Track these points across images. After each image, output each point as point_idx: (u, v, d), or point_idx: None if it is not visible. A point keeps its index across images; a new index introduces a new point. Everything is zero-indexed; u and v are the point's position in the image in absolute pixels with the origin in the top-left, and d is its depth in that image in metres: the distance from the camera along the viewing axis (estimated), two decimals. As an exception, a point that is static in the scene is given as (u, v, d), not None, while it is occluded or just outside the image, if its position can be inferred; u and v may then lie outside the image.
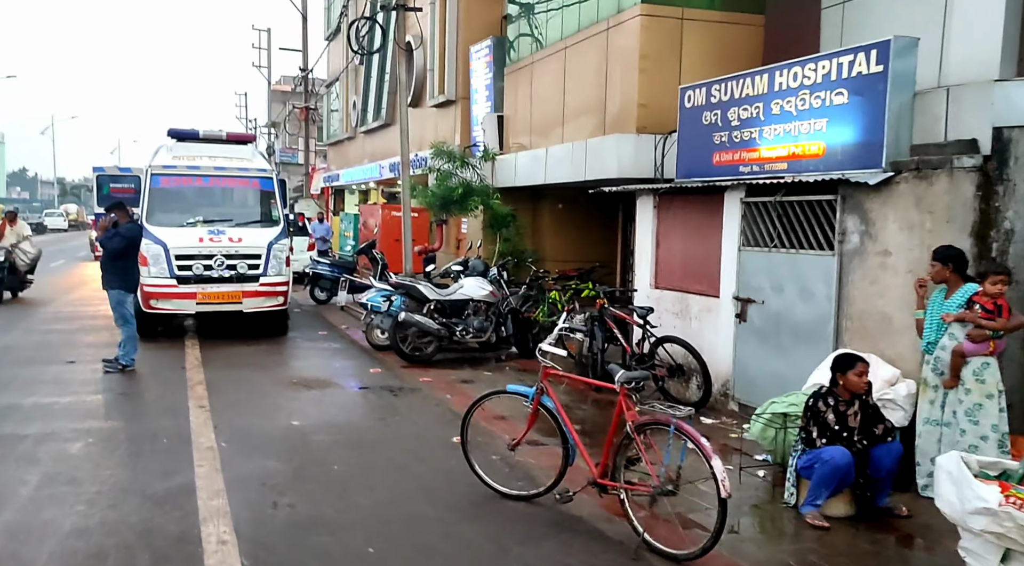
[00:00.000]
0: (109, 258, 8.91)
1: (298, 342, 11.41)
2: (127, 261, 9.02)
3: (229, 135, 12.61)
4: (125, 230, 9.02)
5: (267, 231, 11.68)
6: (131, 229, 9.14)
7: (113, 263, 8.91)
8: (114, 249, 8.86)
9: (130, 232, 9.09)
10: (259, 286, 11.21)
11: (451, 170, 12.49)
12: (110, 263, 8.91)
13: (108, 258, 8.93)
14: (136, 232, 9.23)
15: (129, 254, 9.08)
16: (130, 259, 9.09)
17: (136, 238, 9.17)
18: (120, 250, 8.88)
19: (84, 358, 9.61)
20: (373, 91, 22.72)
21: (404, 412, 7.52)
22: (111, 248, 8.85)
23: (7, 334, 11.31)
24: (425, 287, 10.19)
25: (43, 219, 55.66)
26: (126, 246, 8.94)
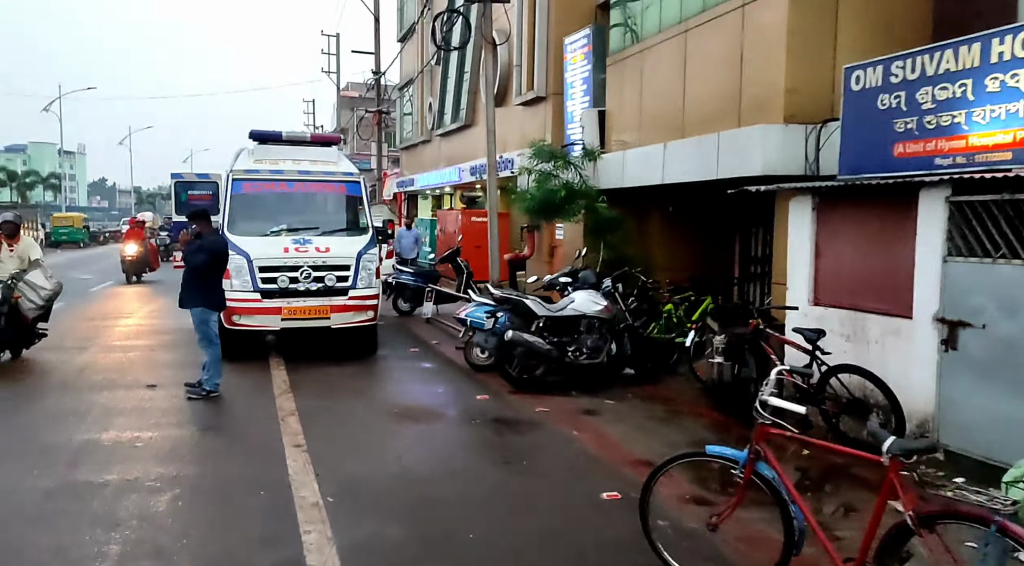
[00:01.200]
0: (192, 273, 8.06)
1: (390, 361, 10.43)
2: (212, 276, 8.17)
3: (313, 136, 11.74)
4: (210, 242, 8.17)
5: (355, 240, 10.75)
6: (216, 241, 8.29)
7: (196, 278, 8.06)
8: (200, 264, 8.01)
9: (215, 244, 8.24)
10: (348, 300, 10.28)
11: (551, 171, 11.35)
12: (193, 279, 8.06)
13: (191, 273, 8.08)
14: (222, 244, 8.38)
15: (214, 268, 8.23)
16: (215, 274, 8.24)
17: (223, 251, 8.31)
18: (206, 265, 8.04)
19: (166, 381, 8.80)
20: (451, 92, 21.80)
21: (531, 454, 6.39)
22: (197, 263, 8.00)
23: (85, 351, 10.65)
24: (533, 302, 9.07)
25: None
26: (212, 260, 8.09)
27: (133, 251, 20.84)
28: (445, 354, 10.93)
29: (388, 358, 10.62)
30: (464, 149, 21.01)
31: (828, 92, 8.01)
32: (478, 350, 9.78)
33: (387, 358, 10.62)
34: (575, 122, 13.64)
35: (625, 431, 7.11)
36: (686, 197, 11.58)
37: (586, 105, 13.14)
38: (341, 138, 12.19)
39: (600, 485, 5.57)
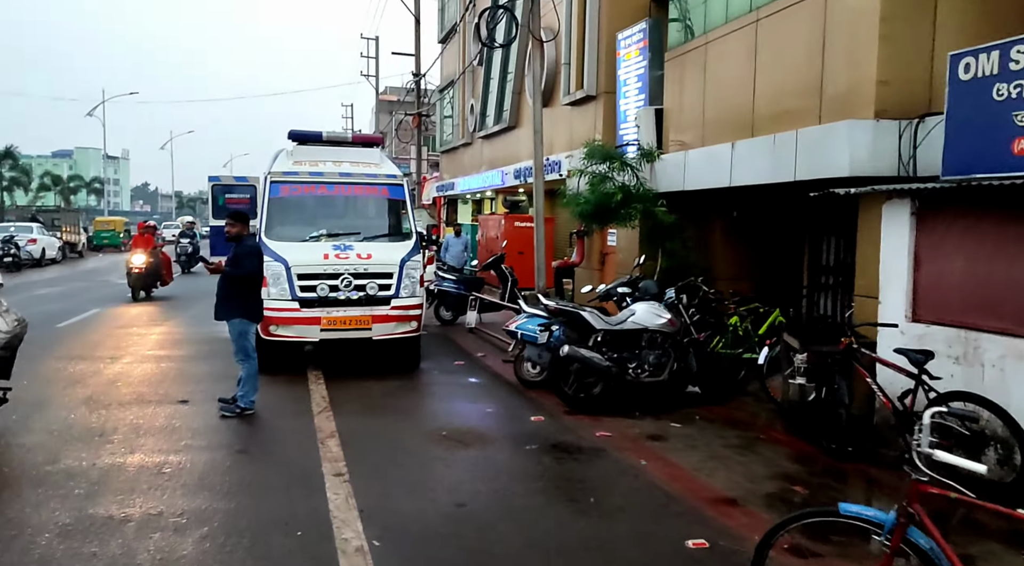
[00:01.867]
0: (229, 282, 7.51)
1: (434, 376, 9.79)
2: (252, 285, 7.62)
3: (355, 137, 11.19)
4: (250, 248, 7.65)
5: (399, 246, 10.15)
6: (255, 247, 7.75)
7: (234, 287, 7.50)
8: (248, 272, 7.51)
9: (256, 250, 7.71)
10: (390, 310, 9.67)
11: (606, 173, 10.63)
12: (230, 287, 7.51)
13: (228, 282, 7.53)
14: (260, 250, 7.83)
15: (254, 276, 7.70)
16: (255, 282, 7.70)
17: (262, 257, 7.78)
18: (254, 272, 7.54)
19: (199, 396, 8.27)
20: (494, 92, 21.21)
21: (599, 489, 5.68)
22: (243, 271, 7.48)
23: (118, 360, 10.20)
24: (590, 314, 8.35)
25: (162, 231, 57.23)
26: (258, 267, 7.57)
27: (141, 262, 17.21)
28: (492, 368, 10.27)
29: (432, 372, 9.99)
30: (507, 152, 20.39)
31: (925, 83, 7.20)
32: (529, 365, 9.11)
33: (431, 372, 9.99)
34: (629, 122, 12.91)
35: (698, 461, 6.37)
36: (750, 201, 10.80)
37: (641, 103, 12.42)
38: (383, 138, 11.62)
39: (683, 530, 4.85)
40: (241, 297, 7.50)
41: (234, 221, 7.63)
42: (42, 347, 10.78)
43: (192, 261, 25.23)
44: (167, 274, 18.71)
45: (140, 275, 17.30)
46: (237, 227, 7.62)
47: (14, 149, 41.32)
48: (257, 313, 7.75)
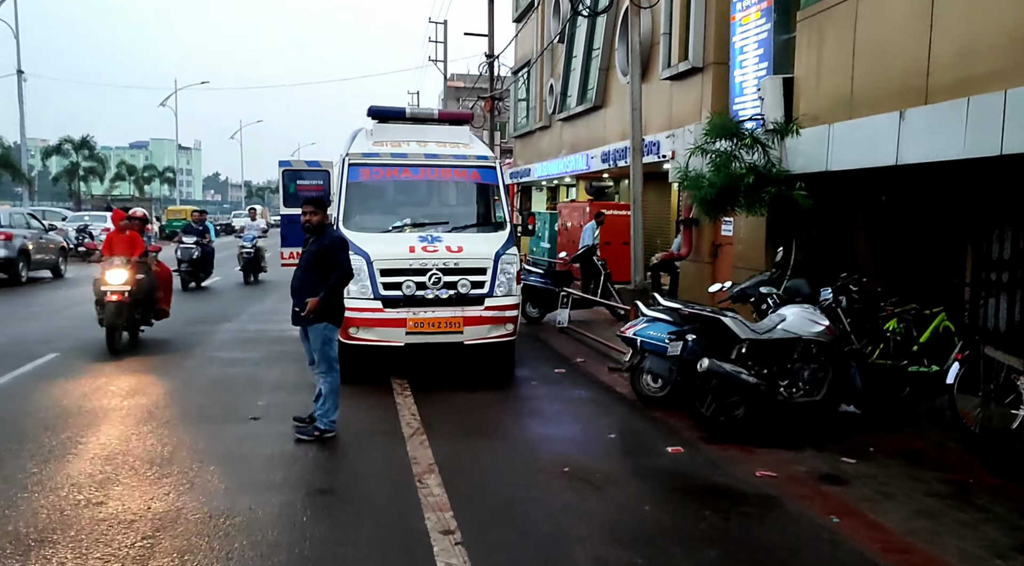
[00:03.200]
0: (316, 277, 6.33)
1: (534, 388, 8.48)
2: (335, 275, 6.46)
3: (442, 113, 9.91)
4: (339, 240, 6.51)
5: (492, 237, 8.89)
6: (343, 238, 6.57)
7: (317, 287, 6.32)
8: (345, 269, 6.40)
9: (344, 242, 6.55)
10: (483, 310, 8.41)
11: (732, 151, 9.10)
12: (313, 287, 6.32)
13: (312, 280, 6.34)
14: (347, 242, 6.62)
15: (347, 273, 6.52)
16: (345, 280, 6.54)
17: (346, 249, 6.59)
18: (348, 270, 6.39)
19: (271, 411, 7.16)
20: (578, 70, 19.75)
21: (791, 564, 4.28)
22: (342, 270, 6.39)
23: (183, 364, 9.20)
24: (733, 321, 6.89)
25: (231, 219, 57.61)
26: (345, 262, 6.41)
27: (121, 281, 9.70)
28: (598, 377, 8.92)
29: (530, 382, 8.69)
30: (592, 134, 18.93)
31: None
32: (649, 378, 7.73)
33: (529, 382, 8.69)
34: (747, 95, 11.33)
35: (905, 518, 4.90)
36: (902, 183, 9.15)
37: (763, 73, 10.82)
38: (473, 116, 10.36)
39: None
40: (327, 298, 6.31)
41: (315, 208, 6.43)
42: (100, 348, 9.90)
43: (199, 272, 17.34)
44: (164, 300, 11.02)
45: (120, 306, 9.75)
46: (319, 215, 6.43)
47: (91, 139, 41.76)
48: (342, 316, 6.56)
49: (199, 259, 17.15)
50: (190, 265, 17.05)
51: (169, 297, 11.28)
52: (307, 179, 13.01)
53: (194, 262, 17.07)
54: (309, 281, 6.39)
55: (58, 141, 41.35)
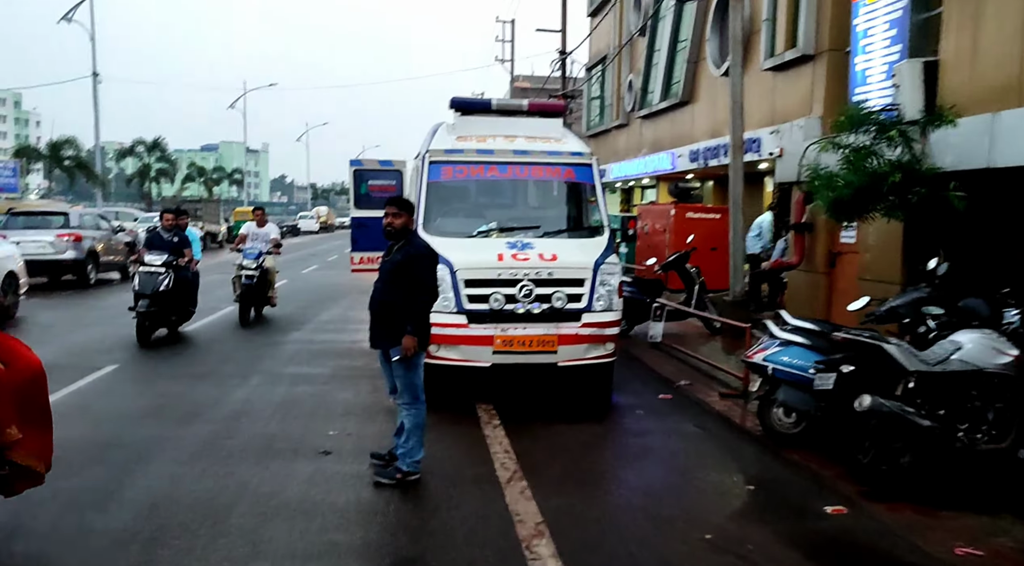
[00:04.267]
0: (399, 293, 5.36)
1: (641, 419, 7.35)
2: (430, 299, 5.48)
3: (532, 105, 8.87)
4: (426, 249, 5.50)
5: (589, 244, 7.83)
6: (424, 247, 5.55)
7: (403, 302, 5.35)
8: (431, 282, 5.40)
9: (433, 251, 5.54)
10: (581, 327, 7.35)
11: (870, 145, 7.82)
12: (400, 301, 5.36)
13: (397, 293, 5.38)
14: (431, 252, 5.61)
15: (434, 287, 5.54)
16: (434, 295, 5.55)
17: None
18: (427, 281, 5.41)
19: (344, 443, 6.23)
20: (661, 64, 18.53)
21: None
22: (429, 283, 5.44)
23: (245, 383, 8.38)
24: (899, 349, 5.67)
25: (297, 221, 57.94)
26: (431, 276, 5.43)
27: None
28: (710, 406, 7.75)
29: (634, 411, 7.58)
30: (677, 131, 17.68)
31: None
32: (781, 412, 6.53)
33: (632, 412, 7.58)
34: (869, 84, 9.99)
35: None
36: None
37: (895, 57, 9.47)
38: (566, 106, 9.31)
39: None
40: (410, 317, 5.34)
41: (398, 210, 5.46)
42: (163, 358, 9.20)
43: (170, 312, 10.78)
44: None
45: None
46: (402, 218, 5.46)
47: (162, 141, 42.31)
48: (428, 338, 5.58)
49: (170, 292, 10.36)
50: (154, 302, 10.14)
51: None
52: (379, 179, 12.15)
53: (160, 297, 10.21)
54: (390, 297, 5.43)
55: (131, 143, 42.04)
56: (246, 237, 13.03)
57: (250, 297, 12.28)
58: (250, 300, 12.31)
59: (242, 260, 12.41)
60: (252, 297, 12.33)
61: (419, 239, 5.57)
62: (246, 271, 12.20)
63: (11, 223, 17.41)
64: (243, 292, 12.22)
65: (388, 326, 5.39)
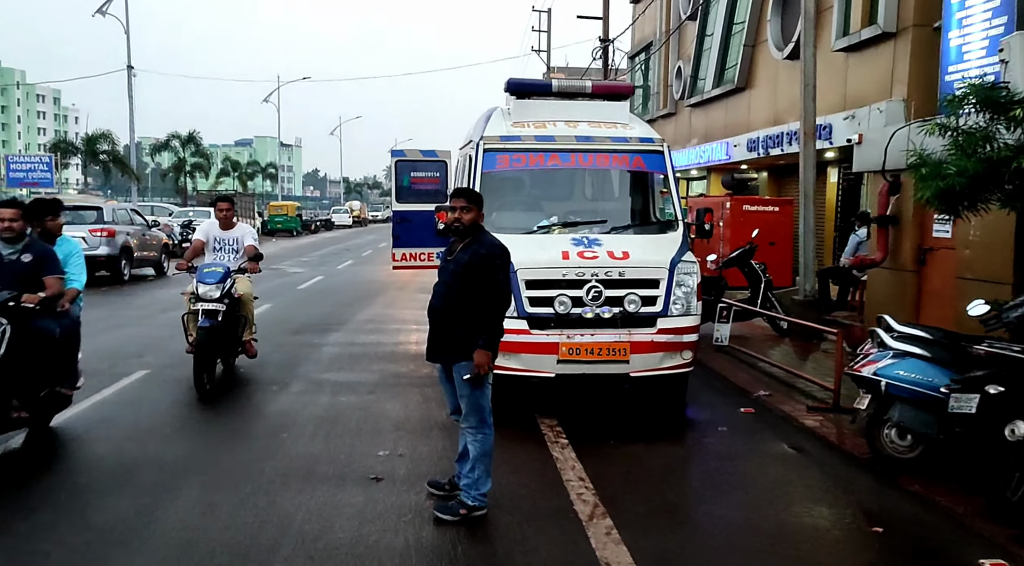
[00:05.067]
0: (466, 299, 4.62)
1: (726, 438, 6.52)
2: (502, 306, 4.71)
3: (596, 86, 8.04)
4: (498, 248, 4.71)
5: (663, 240, 7.05)
6: (497, 246, 4.76)
7: (472, 309, 4.60)
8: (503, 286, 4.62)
9: (498, 250, 4.74)
10: (655, 334, 6.57)
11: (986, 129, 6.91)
12: (465, 310, 4.61)
13: (463, 299, 4.63)
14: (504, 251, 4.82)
15: (507, 293, 4.76)
16: (506, 301, 4.76)
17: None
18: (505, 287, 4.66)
19: (396, 466, 5.52)
20: (714, 50, 17.59)
21: None
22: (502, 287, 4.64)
23: (284, 391, 7.73)
24: (1052, 365, 4.80)
25: (331, 215, 57.69)
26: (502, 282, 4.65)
27: None
28: (800, 421, 6.91)
29: (715, 428, 6.76)
30: (732, 119, 16.74)
31: None
32: (894, 433, 5.68)
33: (715, 428, 6.76)
34: (967, 62, 9.03)
35: None
36: None
37: (998, 30, 8.52)
38: (633, 88, 8.50)
39: None
40: (475, 327, 4.58)
41: (467, 203, 4.71)
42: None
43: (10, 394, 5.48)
44: None
45: None
46: (471, 212, 4.71)
47: (197, 134, 42.18)
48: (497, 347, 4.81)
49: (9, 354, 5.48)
50: None
51: None
52: (422, 171, 11.45)
53: None
54: (455, 303, 4.68)
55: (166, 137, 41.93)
56: (202, 246, 8.23)
57: (212, 346, 7.38)
58: (212, 350, 7.43)
59: (195, 286, 7.50)
60: (215, 345, 7.46)
61: (489, 236, 4.80)
62: (204, 304, 7.35)
63: (44, 218, 17.04)
64: (200, 339, 7.27)
65: (452, 337, 4.65)
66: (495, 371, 6.22)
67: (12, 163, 30.04)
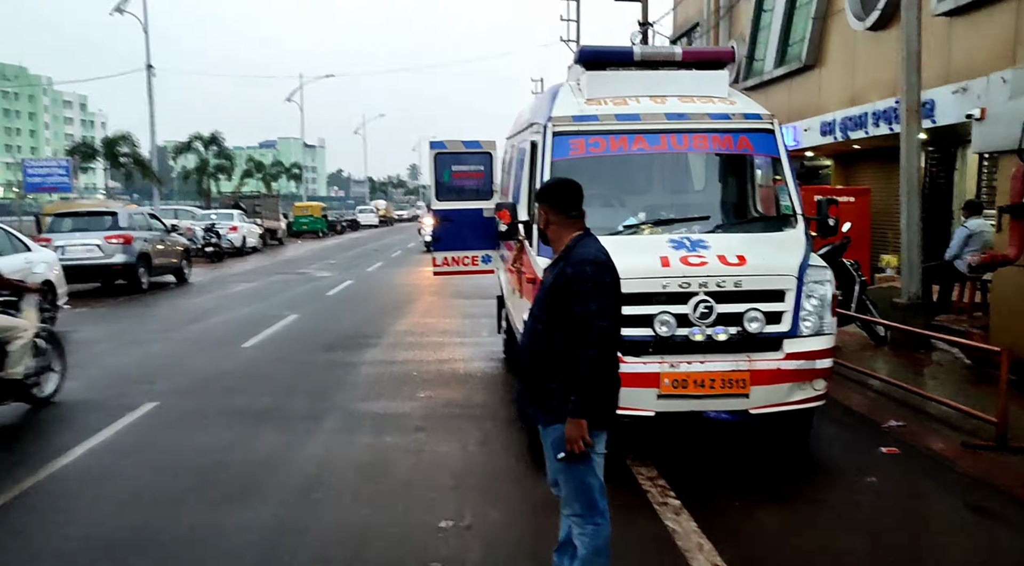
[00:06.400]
0: (560, 332, 3.24)
1: (881, 495, 5.06)
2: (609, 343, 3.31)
3: (687, 54, 6.60)
4: (588, 259, 3.31)
5: (784, 240, 5.67)
6: (591, 259, 3.36)
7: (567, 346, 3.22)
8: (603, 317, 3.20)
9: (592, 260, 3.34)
10: (783, 359, 5.19)
11: None
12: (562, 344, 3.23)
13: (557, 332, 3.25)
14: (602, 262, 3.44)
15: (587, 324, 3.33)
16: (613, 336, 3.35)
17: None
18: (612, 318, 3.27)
19: (464, 545, 4.20)
20: (773, 26, 16.09)
21: None
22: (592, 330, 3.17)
23: (317, 428, 6.43)
24: None
25: (356, 215, 56.65)
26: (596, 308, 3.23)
27: None
28: (960, 466, 5.45)
29: (861, 479, 5.31)
30: (800, 101, 15.21)
31: None
32: None
33: (859, 477, 5.31)
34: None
35: None
36: None
37: None
38: (733, 53, 7.06)
39: None
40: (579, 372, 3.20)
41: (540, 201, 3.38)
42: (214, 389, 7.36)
43: None
44: None
45: None
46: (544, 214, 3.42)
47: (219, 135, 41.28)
48: (613, 407, 3.43)
49: None
50: None
51: None
52: (464, 164, 10.13)
53: None
54: (542, 343, 3.33)
55: (188, 138, 41.08)
56: None
57: None
58: None
59: None
60: None
61: (585, 247, 3.39)
62: None
63: (56, 225, 16.01)
64: None
65: (539, 390, 3.31)
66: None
67: (29, 168, 29.23)
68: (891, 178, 13.95)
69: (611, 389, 3.34)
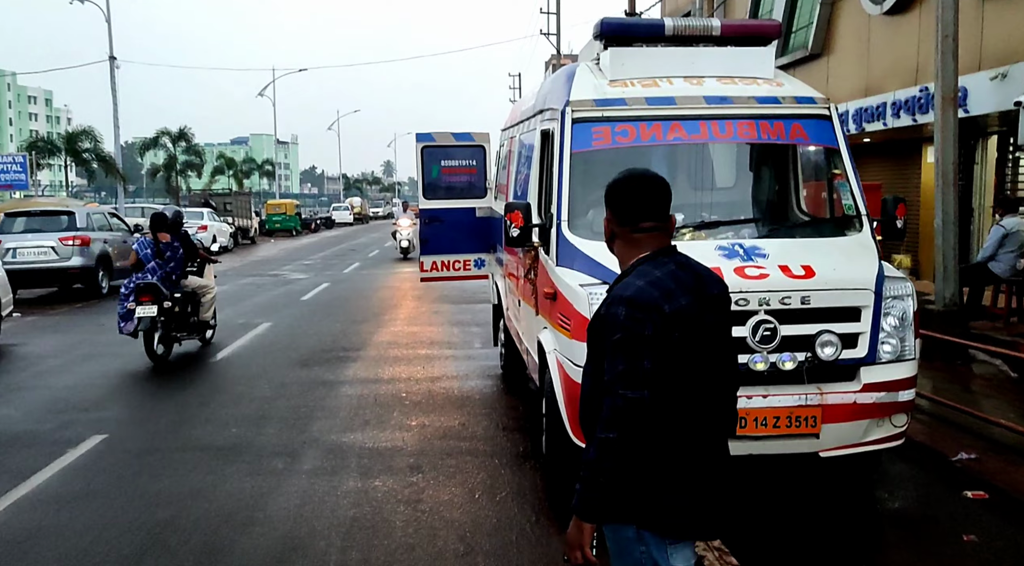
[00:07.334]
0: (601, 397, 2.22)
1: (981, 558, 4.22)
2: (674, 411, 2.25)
3: (726, 28, 5.65)
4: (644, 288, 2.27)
5: (851, 247, 4.79)
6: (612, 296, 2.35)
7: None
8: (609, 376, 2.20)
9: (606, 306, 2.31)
10: (860, 391, 4.30)
11: None
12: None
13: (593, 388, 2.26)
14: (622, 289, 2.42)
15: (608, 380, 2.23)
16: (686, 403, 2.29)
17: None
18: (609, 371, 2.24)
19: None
20: (777, 11, 15.22)
21: None
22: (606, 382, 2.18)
23: (292, 470, 5.43)
24: None
25: (331, 213, 55.31)
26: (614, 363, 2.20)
27: None
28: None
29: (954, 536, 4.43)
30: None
31: None
32: None
33: (951, 534, 4.43)
34: None
35: None
36: None
37: None
38: (779, 27, 6.11)
39: None
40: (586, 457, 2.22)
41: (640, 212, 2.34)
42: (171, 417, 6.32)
43: None
44: None
45: None
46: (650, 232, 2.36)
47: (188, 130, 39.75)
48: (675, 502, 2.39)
49: None
50: None
51: None
52: (454, 159, 9.16)
53: None
54: (594, 399, 2.32)
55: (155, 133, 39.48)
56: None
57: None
58: None
59: None
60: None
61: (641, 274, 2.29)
62: None
63: (7, 226, 14.77)
64: None
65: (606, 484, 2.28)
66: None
67: (-17, 164, 27.71)
68: (903, 173, 13.24)
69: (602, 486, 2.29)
